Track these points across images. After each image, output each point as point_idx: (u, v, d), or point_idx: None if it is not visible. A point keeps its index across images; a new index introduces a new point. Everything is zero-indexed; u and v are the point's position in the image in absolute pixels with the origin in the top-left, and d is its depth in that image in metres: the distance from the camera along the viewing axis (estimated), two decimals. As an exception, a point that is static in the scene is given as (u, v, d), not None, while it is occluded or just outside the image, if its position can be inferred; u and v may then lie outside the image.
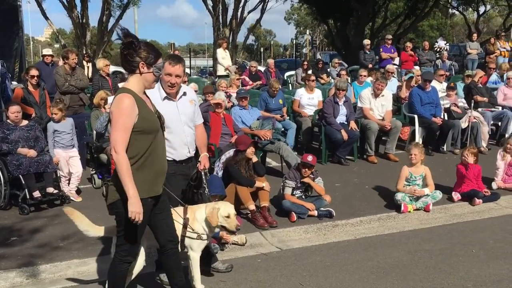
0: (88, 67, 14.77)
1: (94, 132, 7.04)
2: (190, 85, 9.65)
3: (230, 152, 6.08)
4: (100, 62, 9.62)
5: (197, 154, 4.20)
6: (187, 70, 25.81)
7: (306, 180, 5.79)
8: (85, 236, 4.90)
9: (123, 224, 3.23)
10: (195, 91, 9.26)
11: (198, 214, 3.78)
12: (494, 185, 6.61)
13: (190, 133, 4.08)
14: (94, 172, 7.00)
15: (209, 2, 23.15)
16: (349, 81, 13.26)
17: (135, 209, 3.07)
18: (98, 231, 3.77)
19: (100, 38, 23.33)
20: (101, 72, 9.21)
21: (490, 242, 4.86)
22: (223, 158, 6.17)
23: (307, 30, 60.37)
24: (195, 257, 3.79)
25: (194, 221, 3.74)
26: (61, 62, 9.30)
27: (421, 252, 4.65)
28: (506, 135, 8.29)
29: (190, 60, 30.09)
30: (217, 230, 4.04)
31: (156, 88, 3.73)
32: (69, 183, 6.52)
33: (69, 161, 6.52)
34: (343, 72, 11.00)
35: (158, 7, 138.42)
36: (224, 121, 7.17)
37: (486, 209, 5.93)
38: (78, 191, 6.60)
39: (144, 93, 3.31)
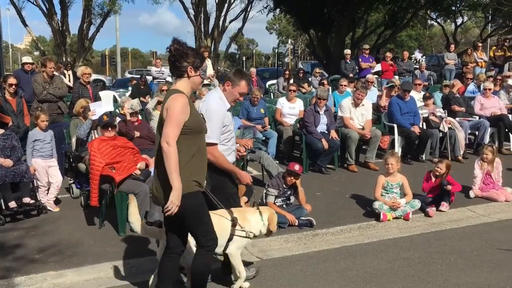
0: (68, 75, 14.60)
1: (73, 141, 6.95)
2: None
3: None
4: (81, 70, 9.52)
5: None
6: (169, 79, 25.77)
7: (297, 183, 5.82)
8: (62, 248, 4.86)
9: (190, 220, 3.36)
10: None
11: (250, 216, 4.01)
12: (471, 194, 6.71)
13: None
14: (72, 181, 6.90)
15: (191, 11, 23.18)
16: (330, 90, 13.40)
17: (176, 201, 3.19)
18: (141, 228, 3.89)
19: (81, 46, 23.10)
20: (81, 80, 9.11)
21: (468, 251, 4.92)
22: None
23: (289, 40, 60.78)
24: (237, 254, 3.94)
25: (245, 221, 3.93)
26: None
27: (400, 261, 4.68)
28: (484, 144, 8.43)
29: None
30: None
31: (223, 97, 4.07)
32: (48, 193, 6.41)
33: (48, 171, 6.41)
34: (325, 82, 11.09)
35: (140, 15, 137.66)
36: (204, 130, 7.14)
37: (464, 218, 6.01)
38: (57, 201, 6.50)
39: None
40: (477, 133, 9.35)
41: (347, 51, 15.01)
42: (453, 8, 23.19)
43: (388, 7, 22.94)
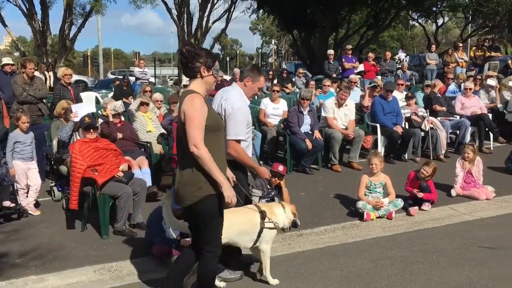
0: (49, 76, 14.41)
1: (54, 143, 6.85)
2: (154, 95, 9.56)
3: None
4: (61, 71, 9.39)
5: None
6: (152, 80, 25.58)
7: (281, 183, 5.82)
8: (44, 251, 4.79)
9: (209, 221, 3.39)
10: (160, 101, 9.20)
11: (276, 209, 4.18)
12: (453, 193, 6.80)
13: None
14: (54, 184, 6.80)
15: (174, 12, 23.07)
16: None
17: (231, 193, 3.27)
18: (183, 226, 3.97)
19: (62, 47, 22.81)
20: (62, 81, 8.98)
21: (450, 249, 4.98)
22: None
23: (273, 40, 60.90)
24: (268, 249, 4.10)
25: (272, 214, 4.09)
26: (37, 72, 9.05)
27: (383, 260, 4.71)
28: (465, 143, 8.54)
29: (155, 69, 29.81)
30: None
31: (242, 94, 4.18)
32: (27, 196, 6.31)
33: (27, 173, 6.31)
34: (312, 83, 11.04)
35: (122, 15, 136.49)
36: (188, 131, 7.11)
37: (446, 216, 6.08)
38: (37, 204, 6.40)
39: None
40: (458, 132, 9.47)
41: (330, 52, 15.10)
42: (434, 8, 23.50)
43: (370, 8, 23.12)
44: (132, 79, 14.82)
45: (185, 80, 14.26)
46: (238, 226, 3.92)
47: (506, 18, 21.65)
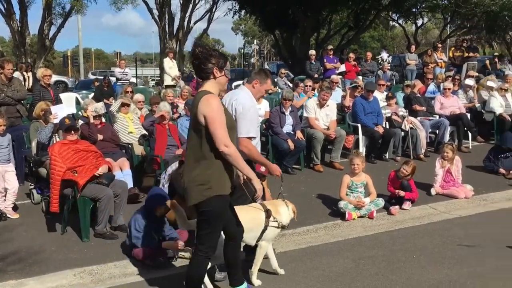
0: (28, 76, 14.17)
1: (33, 145, 6.75)
2: (136, 96, 9.49)
3: (177, 164, 6.01)
4: (40, 72, 9.24)
5: None
6: (133, 80, 25.36)
7: (263, 184, 5.82)
8: (23, 255, 4.72)
9: (212, 220, 3.42)
10: (142, 102, 9.13)
11: (281, 208, 4.28)
12: (433, 191, 6.89)
13: None
14: (33, 186, 6.69)
15: (155, 12, 22.90)
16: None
17: (260, 186, 3.49)
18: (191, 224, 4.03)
19: (41, 46, 22.45)
20: (42, 82, 8.84)
21: (430, 247, 5.05)
22: (169, 170, 6.10)
23: (255, 40, 60.91)
24: (266, 246, 4.21)
25: (277, 213, 4.20)
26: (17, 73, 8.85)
27: (365, 259, 4.76)
28: (444, 143, 8.67)
29: (136, 69, 29.57)
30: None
31: (251, 95, 4.33)
32: (5, 199, 6.20)
33: (4, 176, 6.20)
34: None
35: (103, 15, 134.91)
36: (169, 132, 7.09)
37: (426, 215, 6.16)
38: (15, 208, 6.29)
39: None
40: (437, 132, 9.61)
41: (312, 52, 15.17)
42: (414, 9, 23.75)
43: (351, 8, 23.29)
44: (113, 79, 14.68)
45: (167, 80, 14.15)
46: (244, 224, 3.93)
47: (483, 19, 22.01)
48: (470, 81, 11.28)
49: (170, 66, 14.07)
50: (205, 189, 3.33)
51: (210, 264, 3.87)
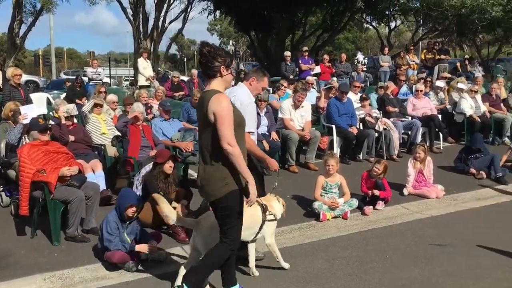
0: (-4, 76, 13.79)
1: (2, 146, 6.57)
2: (109, 96, 9.34)
3: (150, 166, 5.94)
4: (10, 71, 9.01)
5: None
6: (106, 80, 24.99)
7: None
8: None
9: (232, 215, 3.56)
10: (115, 102, 9.00)
11: (273, 202, 4.48)
12: (405, 192, 6.99)
13: None
14: (1, 189, 6.52)
15: (129, 11, 22.61)
16: (271, 92, 13.51)
17: (255, 191, 3.50)
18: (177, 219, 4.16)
19: (11, 45, 21.89)
20: (12, 82, 8.61)
21: (402, 247, 5.12)
22: (143, 171, 6.03)
23: (231, 41, 60.81)
24: (273, 242, 4.41)
25: (271, 208, 4.39)
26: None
27: (339, 260, 4.79)
28: (416, 144, 8.81)
29: (110, 69, 29.16)
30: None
31: (249, 92, 4.46)
32: (-28, 203, 6.02)
33: (-28, 179, 6.03)
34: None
35: (76, 14, 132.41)
36: (143, 133, 7.00)
37: (398, 215, 6.25)
38: (-17, 211, 6.12)
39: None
40: (410, 133, 9.77)
41: (287, 53, 15.22)
42: (387, 12, 24.07)
43: (325, 10, 23.48)
44: (85, 79, 14.43)
45: (141, 81, 13.98)
46: (244, 222, 3.92)
47: (454, 22, 22.47)
48: (440, 83, 11.53)
49: (144, 66, 13.92)
50: (223, 186, 3.45)
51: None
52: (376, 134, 9.20)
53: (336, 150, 8.84)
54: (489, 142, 10.14)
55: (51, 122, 7.24)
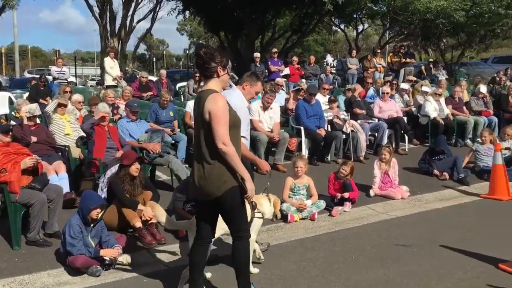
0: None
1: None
2: (74, 96, 9.12)
3: (116, 167, 5.83)
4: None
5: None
6: (72, 79, 24.42)
7: None
8: None
9: (236, 209, 3.65)
10: (81, 102, 8.79)
11: (263, 201, 4.58)
12: (371, 193, 7.09)
13: None
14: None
15: (96, 9, 22.16)
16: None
17: (253, 187, 3.59)
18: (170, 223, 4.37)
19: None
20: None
21: (368, 248, 5.18)
22: (108, 173, 5.92)
23: (200, 41, 60.45)
24: (254, 238, 4.39)
25: (260, 206, 4.47)
26: None
27: (306, 261, 4.81)
28: (382, 145, 8.95)
29: (75, 68, 28.54)
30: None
31: (242, 96, 4.49)
32: None
33: None
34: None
35: (41, 11, 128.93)
36: (109, 134, 6.87)
37: (365, 216, 6.33)
38: None
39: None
40: (376, 134, 9.93)
41: (257, 54, 15.22)
42: (354, 15, 24.40)
43: (295, 12, 23.62)
44: (50, 78, 14.06)
45: (108, 80, 13.72)
46: None
47: (419, 26, 22.97)
48: (405, 85, 11.82)
49: (111, 65, 13.66)
50: (222, 183, 3.52)
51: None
52: (344, 136, 9.31)
53: (305, 151, 8.90)
54: (452, 144, 10.41)
55: (13, 123, 7.02)
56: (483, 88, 11.89)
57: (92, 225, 4.65)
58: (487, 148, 8.33)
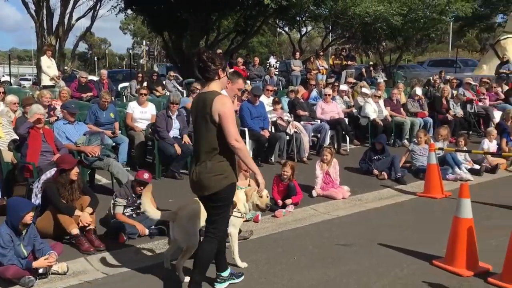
0: None
1: None
2: (8, 97, 8.64)
3: (52, 172, 5.59)
4: None
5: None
6: (7, 79, 23.25)
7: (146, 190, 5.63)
8: None
9: (227, 204, 3.88)
10: (16, 103, 8.34)
11: (241, 195, 4.66)
12: (314, 193, 7.21)
13: None
14: None
15: (31, 6, 21.16)
16: (185, 94, 13.37)
17: (263, 181, 3.92)
18: (156, 214, 4.43)
19: None
20: None
21: (310, 248, 5.26)
22: (43, 178, 5.66)
23: (144, 41, 59.33)
24: (235, 233, 4.61)
25: (239, 201, 4.60)
26: None
27: (249, 263, 4.79)
28: (323, 146, 9.13)
29: (10, 67, 27.16)
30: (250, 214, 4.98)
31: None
32: None
33: None
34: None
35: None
36: (44, 137, 6.55)
37: (307, 216, 6.42)
38: None
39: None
40: (319, 135, 10.11)
41: (201, 55, 15.10)
42: (298, 18, 24.81)
43: (238, 14, 23.67)
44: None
45: (45, 80, 13.13)
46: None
47: (360, 30, 23.70)
48: (344, 87, 12.23)
49: (48, 65, 13.12)
50: (223, 178, 3.74)
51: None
52: (287, 137, 9.42)
53: (249, 153, 8.90)
54: (390, 144, 10.78)
55: None
56: (418, 91, 12.43)
57: (24, 232, 4.42)
58: (422, 148, 8.69)
